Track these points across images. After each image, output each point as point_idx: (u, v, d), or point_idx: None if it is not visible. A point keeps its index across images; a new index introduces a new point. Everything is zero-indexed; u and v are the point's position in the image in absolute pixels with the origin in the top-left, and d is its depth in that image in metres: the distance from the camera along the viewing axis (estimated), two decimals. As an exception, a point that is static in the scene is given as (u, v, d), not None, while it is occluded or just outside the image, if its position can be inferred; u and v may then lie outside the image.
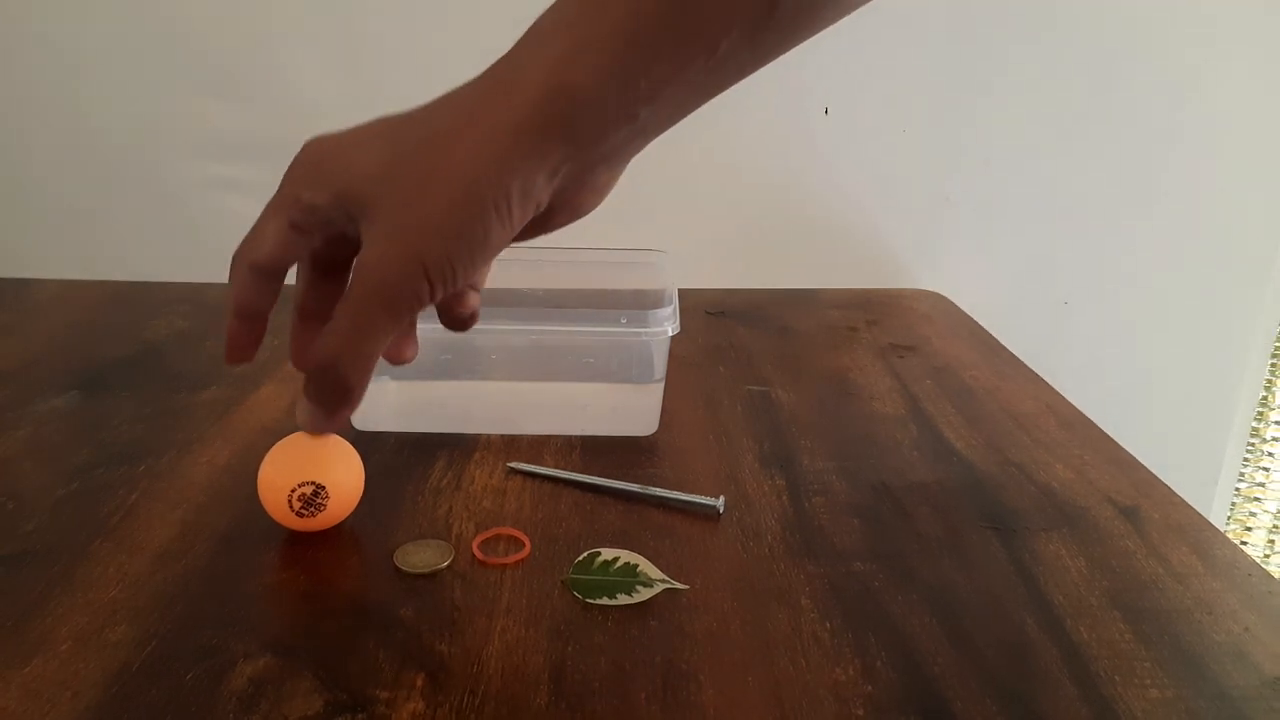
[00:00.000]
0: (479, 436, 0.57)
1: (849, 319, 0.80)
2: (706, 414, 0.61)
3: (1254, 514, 1.03)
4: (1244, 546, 1.02)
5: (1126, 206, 0.90)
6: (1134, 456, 0.57)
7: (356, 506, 0.47)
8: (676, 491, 0.50)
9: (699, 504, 0.49)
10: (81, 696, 0.35)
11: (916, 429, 0.60)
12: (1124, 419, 0.67)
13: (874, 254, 0.91)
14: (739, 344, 0.74)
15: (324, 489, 0.44)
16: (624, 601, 0.42)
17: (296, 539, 0.46)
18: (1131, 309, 0.93)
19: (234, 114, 0.83)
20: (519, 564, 0.44)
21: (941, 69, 0.85)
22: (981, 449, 0.57)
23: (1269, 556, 1.04)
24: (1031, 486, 0.53)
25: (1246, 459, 0.99)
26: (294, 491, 0.44)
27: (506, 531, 0.47)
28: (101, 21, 0.80)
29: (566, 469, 0.53)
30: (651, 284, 0.60)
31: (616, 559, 0.44)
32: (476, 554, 0.45)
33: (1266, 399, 0.97)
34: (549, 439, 0.56)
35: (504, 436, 0.57)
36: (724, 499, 0.50)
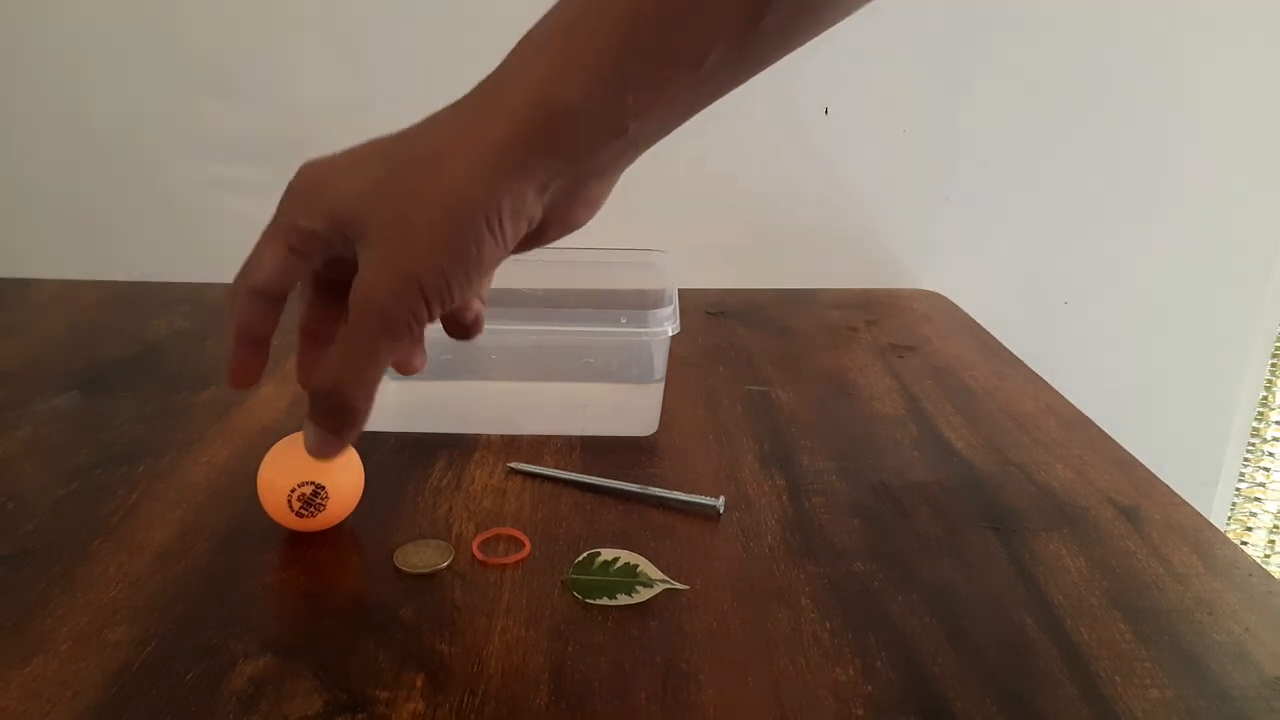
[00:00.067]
0: (479, 436, 0.57)
1: (849, 319, 0.80)
2: (706, 414, 0.61)
3: (1254, 514, 1.03)
4: (1244, 546, 1.02)
5: (1126, 207, 0.90)
6: (1134, 456, 0.57)
7: (356, 506, 0.47)
8: (676, 491, 0.50)
9: (699, 504, 0.49)
10: (81, 696, 0.35)
11: (916, 429, 0.60)
12: (1124, 419, 0.67)
13: (874, 254, 0.91)
14: (739, 344, 0.74)
15: (324, 489, 0.44)
16: (624, 601, 0.42)
17: (296, 539, 0.46)
18: (1131, 309, 0.93)
19: (234, 114, 0.83)
20: (519, 564, 0.44)
21: (941, 69, 0.86)
22: (981, 449, 0.57)
23: (1269, 556, 1.04)
24: (1031, 486, 0.53)
25: (1246, 459, 0.99)
26: (294, 491, 0.44)
27: (506, 531, 0.47)
28: (101, 21, 0.80)
29: (566, 469, 0.53)
30: (651, 284, 0.60)
31: (616, 559, 0.44)
32: (476, 554, 0.45)
33: (1266, 399, 0.97)
34: (549, 439, 0.57)
35: (504, 436, 0.57)
36: (724, 499, 0.50)
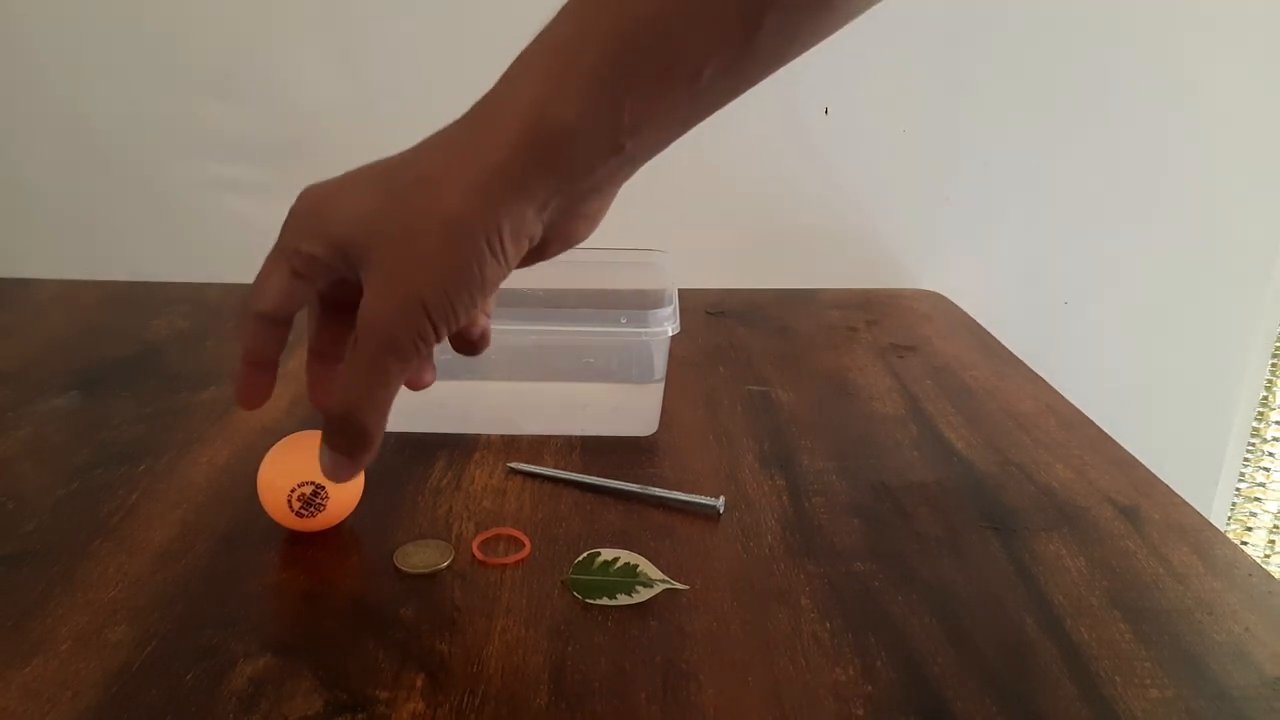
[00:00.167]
0: (479, 436, 0.57)
1: (849, 319, 0.80)
2: (706, 414, 0.61)
3: (1254, 514, 1.03)
4: (1244, 546, 1.02)
5: (1126, 207, 0.90)
6: (1134, 456, 0.57)
7: (356, 506, 0.47)
8: (676, 491, 0.50)
9: (699, 504, 0.49)
10: (81, 696, 0.35)
11: (916, 429, 0.60)
12: (1124, 419, 0.67)
13: (874, 254, 0.91)
14: (739, 344, 0.74)
15: (324, 489, 0.44)
16: (624, 602, 0.42)
17: (296, 539, 0.46)
18: (1131, 309, 0.93)
19: (234, 114, 0.83)
20: (519, 564, 0.44)
21: (941, 69, 0.86)
22: (981, 449, 0.57)
23: (1269, 556, 1.04)
24: (1031, 486, 0.53)
25: (1246, 459, 0.99)
26: (294, 491, 0.44)
27: (506, 531, 0.47)
28: (101, 21, 0.80)
29: (566, 469, 0.53)
30: (651, 284, 0.60)
31: (616, 559, 0.44)
32: (476, 554, 0.45)
33: (1266, 399, 0.97)
34: (549, 439, 0.56)
35: (504, 436, 0.57)
36: (724, 499, 0.50)
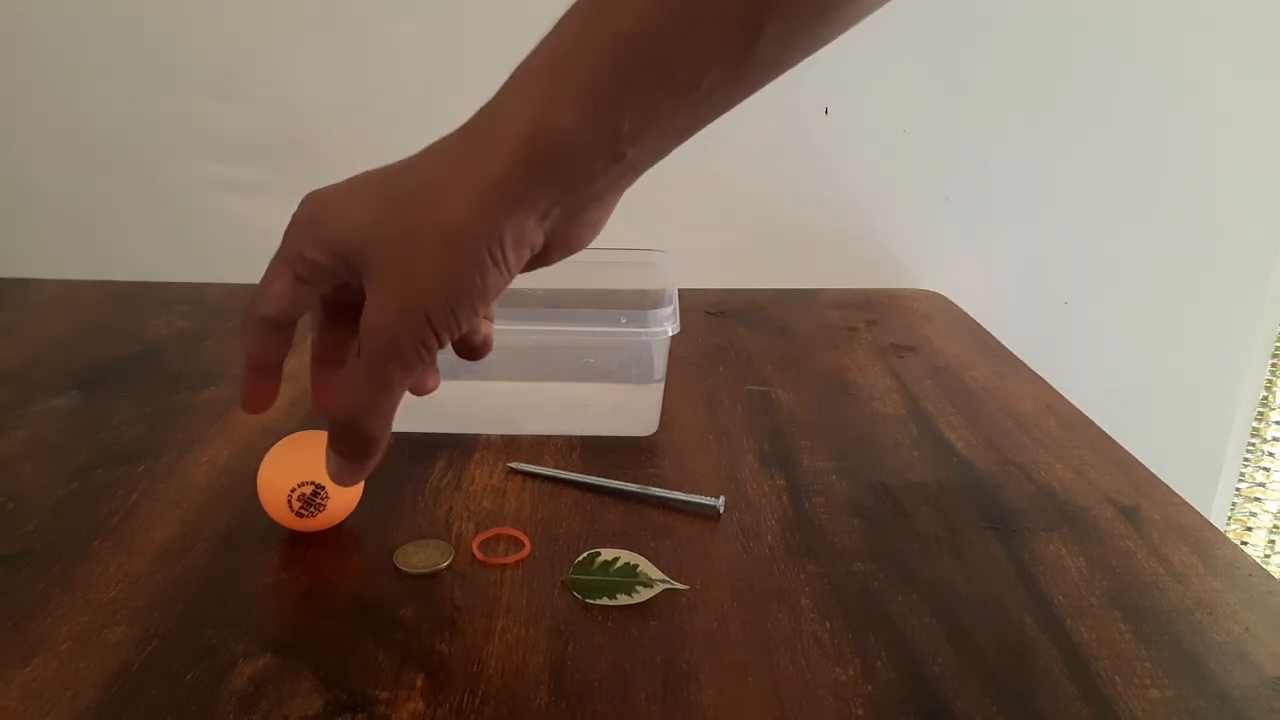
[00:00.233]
0: (479, 436, 0.57)
1: (849, 319, 0.80)
2: (706, 414, 0.61)
3: (1254, 514, 1.03)
4: (1244, 546, 1.02)
5: (1126, 207, 0.90)
6: (1134, 456, 0.57)
7: (356, 506, 0.47)
8: (676, 491, 0.50)
9: (699, 504, 0.49)
10: (81, 696, 0.35)
11: (916, 429, 0.60)
12: (1124, 419, 0.67)
13: (874, 254, 0.91)
14: (739, 344, 0.74)
15: (324, 489, 0.44)
16: (624, 602, 0.42)
17: (296, 539, 0.46)
18: (1131, 309, 0.93)
19: (234, 114, 0.83)
20: (519, 564, 0.44)
21: (941, 69, 0.85)
22: (981, 449, 0.57)
23: (1269, 556, 1.04)
24: (1031, 486, 0.53)
25: (1246, 459, 0.99)
26: (294, 491, 0.44)
27: (506, 531, 0.47)
28: (101, 21, 0.80)
29: (566, 469, 0.53)
30: (651, 284, 0.60)
31: (616, 559, 0.44)
32: (476, 554, 0.45)
33: (1267, 399, 0.97)
34: (549, 439, 0.56)
35: (504, 436, 0.57)
36: (724, 499, 0.50)
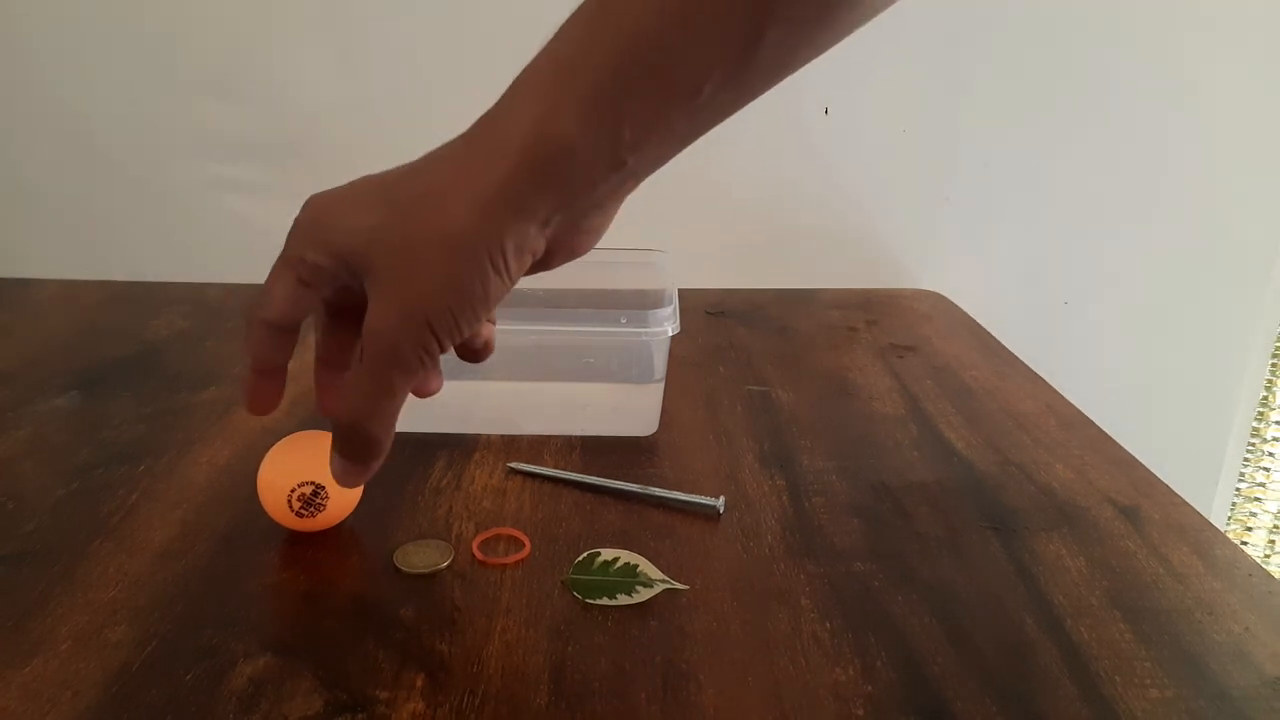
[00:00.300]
0: (479, 436, 0.57)
1: (849, 319, 0.80)
2: (706, 414, 0.61)
3: (1254, 514, 1.03)
4: (1244, 546, 1.02)
5: (1126, 207, 0.90)
6: (1134, 456, 0.57)
7: (356, 506, 0.47)
8: (676, 491, 0.50)
9: (699, 504, 0.49)
10: (81, 696, 0.35)
11: (916, 429, 0.60)
12: (1124, 419, 0.67)
13: (874, 254, 0.91)
14: (739, 344, 0.74)
15: (324, 489, 0.44)
16: (624, 602, 0.42)
17: (296, 539, 0.46)
18: (1131, 309, 0.93)
19: (234, 114, 0.83)
20: (519, 564, 0.44)
21: (941, 69, 0.85)
22: (981, 449, 0.57)
23: (1269, 556, 1.04)
24: (1031, 486, 0.53)
25: (1246, 459, 0.99)
26: (294, 491, 0.44)
27: (506, 531, 0.47)
28: (101, 22, 0.80)
29: (566, 469, 0.53)
30: (651, 284, 0.60)
31: (616, 559, 0.44)
32: (476, 554, 0.45)
33: (1267, 399, 0.97)
34: (549, 439, 0.56)
35: (504, 436, 0.57)
36: (724, 499, 0.50)
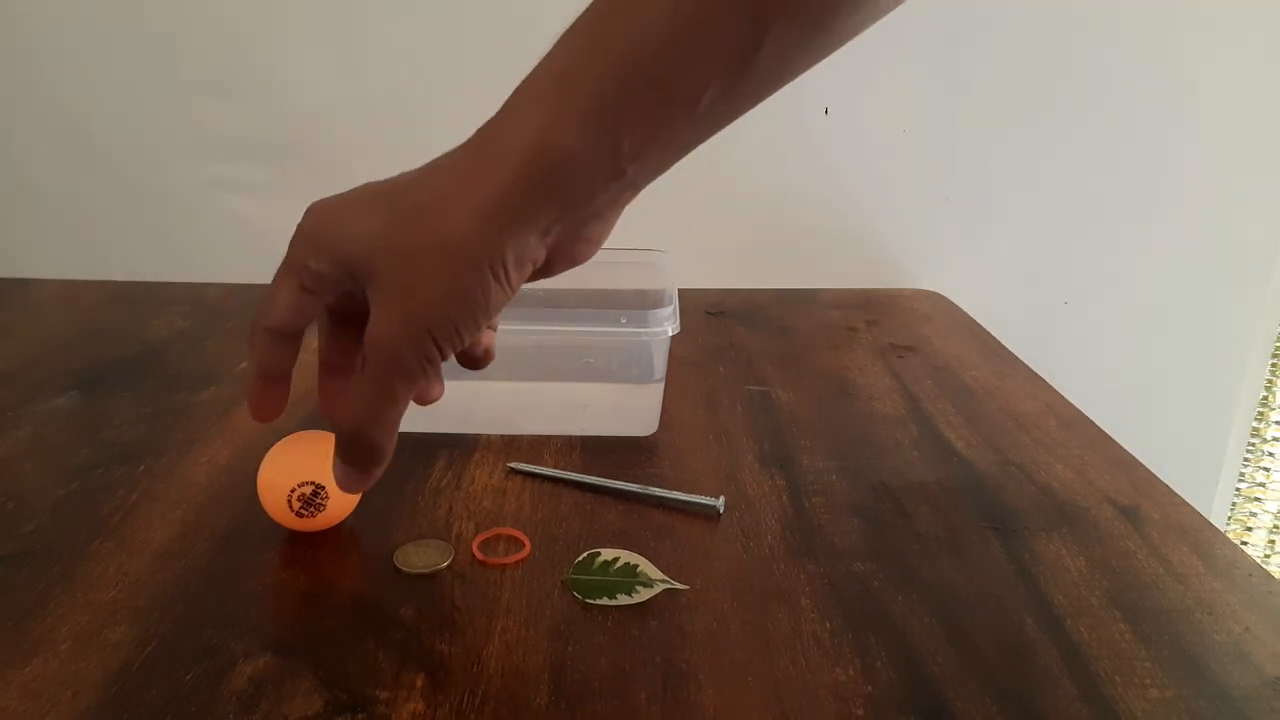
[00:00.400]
0: (479, 436, 0.57)
1: (849, 319, 0.80)
2: (706, 414, 0.61)
3: (1254, 514, 1.02)
4: (1244, 546, 1.02)
5: (1126, 207, 0.90)
6: (1134, 456, 0.57)
7: (356, 506, 0.47)
8: (676, 491, 0.50)
9: (699, 504, 0.49)
10: (81, 696, 0.35)
11: (916, 429, 0.60)
12: (1124, 419, 0.67)
13: (874, 254, 0.91)
14: (739, 344, 0.74)
15: (324, 489, 0.44)
16: (624, 602, 0.42)
17: (296, 539, 0.46)
18: (1131, 309, 0.93)
19: (234, 114, 0.83)
20: (519, 564, 0.44)
21: (941, 69, 0.85)
22: (981, 449, 0.57)
23: (1269, 556, 1.04)
24: (1031, 486, 0.53)
25: (1246, 459, 0.99)
26: (294, 491, 0.44)
27: (506, 531, 0.47)
28: (101, 21, 0.80)
29: (566, 469, 0.53)
30: (651, 284, 0.60)
31: (616, 559, 0.44)
32: (476, 554, 0.45)
33: (1267, 399, 0.97)
34: (549, 439, 0.56)
35: (504, 436, 0.57)
36: (724, 499, 0.50)
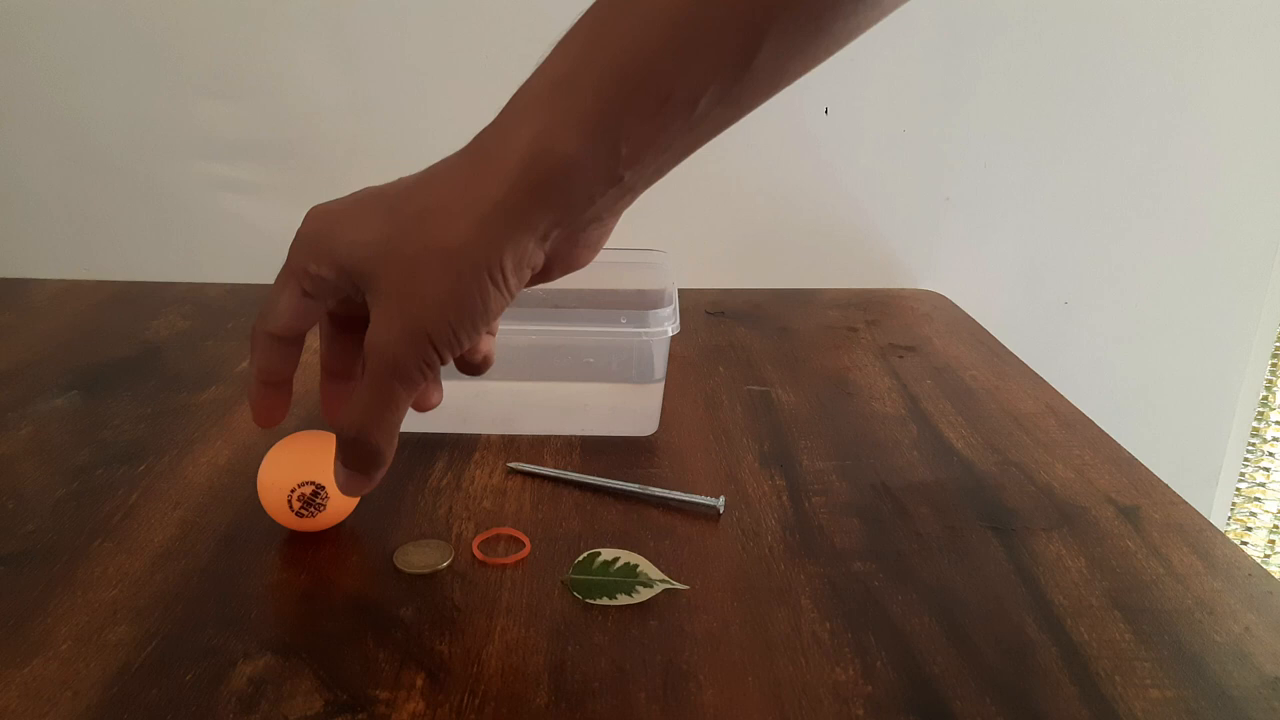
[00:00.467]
0: (479, 436, 0.57)
1: (849, 319, 0.80)
2: (706, 414, 0.61)
3: (1254, 514, 1.03)
4: (1244, 546, 1.02)
5: (1126, 207, 0.90)
6: (1134, 456, 0.57)
7: (356, 506, 0.47)
8: (676, 491, 0.50)
9: (699, 504, 0.49)
10: (81, 696, 0.35)
11: (916, 429, 0.60)
12: (1124, 419, 0.67)
13: (874, 254, 0.91)
14: (739, 344, 0.74)
15: (324, 489, 0.44)
16: (624, 601, 0.42)
17: (296, 539, 0.46)
18: (1131, 309, 0.93)
19: (233, 114, 0.83)
20: (519, 564, 0.44)
21: (941, 69, 0.85)
22: (981, 449, 0.57)
23: (1269, 556, 1.04)
24: (1031, 486, 0.53)
25: (1246, 459, 0.99)
26: (294, 491, 0.44)
27: (506, 531, 0.47)
28: (100, 21, 0.80)
29: (566, 469, 0.53)
30: (651, 284, 0.60)
31: (616, 559, 0.44)
32: (476, 554, 0.45)
33: (1266, 399, 0.97)
34: (549, 439, 0.57)
35: (504, 436, 0.57)
36: (724, 499, 0.50)
